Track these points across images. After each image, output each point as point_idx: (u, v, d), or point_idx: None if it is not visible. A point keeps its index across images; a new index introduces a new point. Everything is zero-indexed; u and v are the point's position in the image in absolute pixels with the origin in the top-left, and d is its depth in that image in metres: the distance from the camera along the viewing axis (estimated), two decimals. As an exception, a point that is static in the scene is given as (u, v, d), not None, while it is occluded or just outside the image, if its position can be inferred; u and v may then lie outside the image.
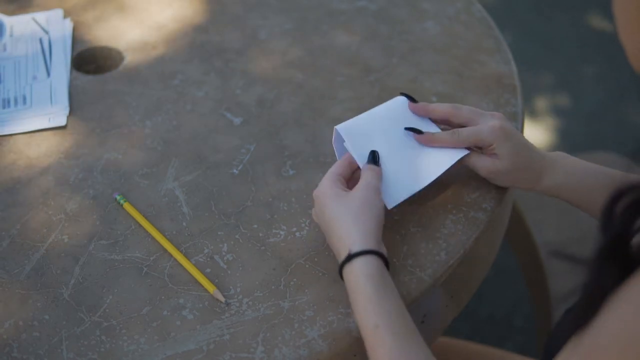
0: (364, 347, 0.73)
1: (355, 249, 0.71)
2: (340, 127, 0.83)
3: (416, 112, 0.85)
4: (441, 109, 0.84)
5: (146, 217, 0.84)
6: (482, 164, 0.82)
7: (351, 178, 0.80)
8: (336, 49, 1.06)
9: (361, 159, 0.80)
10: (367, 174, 0.77)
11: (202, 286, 0.77)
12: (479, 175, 0.84)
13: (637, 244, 0.53)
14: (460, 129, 0.82)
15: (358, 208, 0.73)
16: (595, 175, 0.81)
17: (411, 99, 0.86)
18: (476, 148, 0.83)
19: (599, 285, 0.53)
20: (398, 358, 0.66)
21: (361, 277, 0.70)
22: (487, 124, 0.81)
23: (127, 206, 0.85)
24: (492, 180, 0.84)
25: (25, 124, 0.96)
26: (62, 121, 0.96)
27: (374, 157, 0.80)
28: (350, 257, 0.71)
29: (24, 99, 1.00)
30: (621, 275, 0.52)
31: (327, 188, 0.76)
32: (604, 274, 0.52)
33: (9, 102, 0.99)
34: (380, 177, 0.78)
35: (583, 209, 0.83)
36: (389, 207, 0.79)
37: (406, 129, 0.84)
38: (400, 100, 0.86)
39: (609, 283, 0.52)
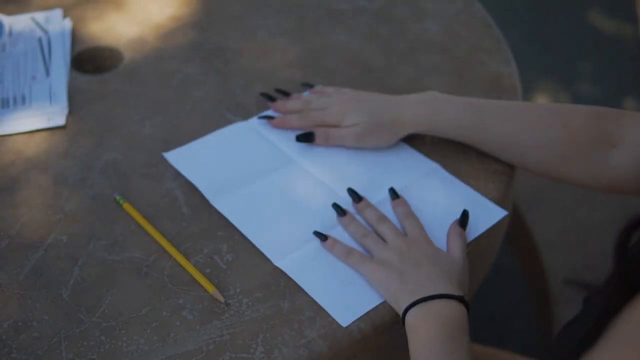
0: (364, 347, 0.73)
1: (457, 292, 0.72)
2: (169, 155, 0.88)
3: (277, 127, 0.92)
4: (295, 123, 0.91)
5: (146, 217, 0.84)
6: (345, 135, 0.88)
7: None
8: (336, 49, 1.06)
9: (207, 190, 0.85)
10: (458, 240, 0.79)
11: (202, 286, 0.77)
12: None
13: None
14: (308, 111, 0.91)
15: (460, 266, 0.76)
16: (462, 105, 0.85)
17: (269, 98, 0.94)
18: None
19: (607, 309, 0.52)
20: None
21: (460, 320, 0.70)
22: (332, 109, 0.89)
23: (126, 206, 0.85)
24: (361, 144, 0.88)
25: (24, 124, 0.96)
26: (61, 121, 0.96)
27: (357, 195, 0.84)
28: (449, 297, 0.71)
29: (23, 98, 0.99)
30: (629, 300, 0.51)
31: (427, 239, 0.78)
32: (614, 300, 0.52)
33: (8, 101, 0.99)
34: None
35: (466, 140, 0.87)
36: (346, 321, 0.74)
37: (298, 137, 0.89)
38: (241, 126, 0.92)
39: (617, 308, 0.52)
